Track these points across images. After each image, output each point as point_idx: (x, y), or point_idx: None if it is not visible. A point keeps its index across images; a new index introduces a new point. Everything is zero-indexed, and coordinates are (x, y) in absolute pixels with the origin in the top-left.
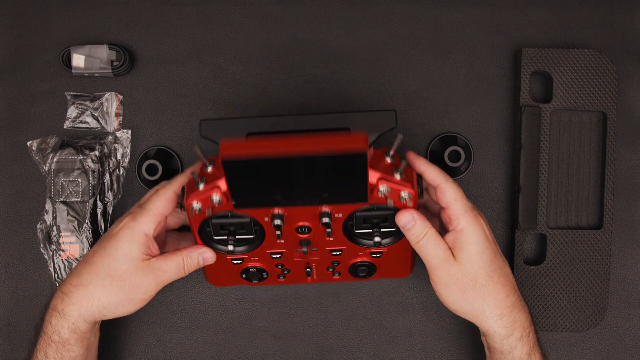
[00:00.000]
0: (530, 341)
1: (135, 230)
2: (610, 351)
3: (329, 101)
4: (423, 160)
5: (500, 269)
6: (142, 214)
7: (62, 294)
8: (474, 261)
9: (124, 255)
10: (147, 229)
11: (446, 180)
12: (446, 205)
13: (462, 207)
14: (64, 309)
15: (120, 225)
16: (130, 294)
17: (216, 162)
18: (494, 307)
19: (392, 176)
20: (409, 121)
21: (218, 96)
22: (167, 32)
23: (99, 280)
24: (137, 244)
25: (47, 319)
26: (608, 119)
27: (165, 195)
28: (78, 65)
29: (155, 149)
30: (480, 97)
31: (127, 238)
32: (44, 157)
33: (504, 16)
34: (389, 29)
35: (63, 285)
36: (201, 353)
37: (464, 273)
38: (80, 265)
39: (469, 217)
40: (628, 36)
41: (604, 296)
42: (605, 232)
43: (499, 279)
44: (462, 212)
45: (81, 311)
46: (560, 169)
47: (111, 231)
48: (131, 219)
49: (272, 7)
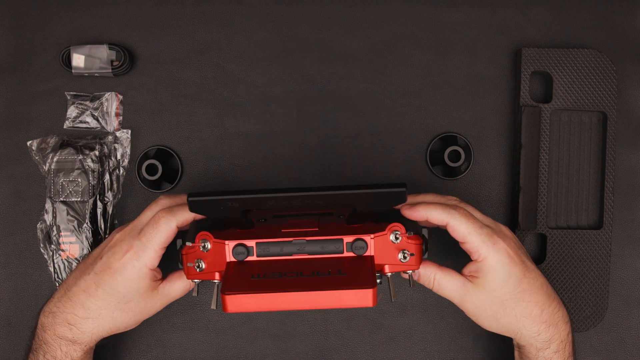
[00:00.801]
0: (566, 353)
1: (141, 269)
2: (610, 351)
3: (329, 101)
4: (421, 208)
5: (530, 287)
6: (145, 251)
7: (69, 324)
8: (498, 288)
9: (133, 292)
10: (152, 264)
11: (453, 216)
12: (462, 240)
13: (478, 239)
14: (74, 337)
15: (122, 261)
16: (139, 317)
17: (213, 247)
18: (529, 326)
19: (397, 262)
20: (409, 121)
21: (218, 96)
22: (167, 32)
23: (109, 313)
24: (144, 280)
25: (55, 346)
26: (608, 119)
27: (166, 231)
28: (78, 65)
29: (155, 148)
30: (480, 97)
31: (135, 276)
32: (44, 157)
33: (504, 16)
34: (389, 29)
35: (67, 314)
36: (201, 353)
37: (491, 301)
38: (82, 295)
39: (488, 246)
40: (628, 36)
41: (604, 296)
42: (605, 232)
43: (531, 297)
44: (479, 244)
45: (92, 337)
46: (560, 169)
47: (111, 263)
48: (134, 257)
49: (272, 7)
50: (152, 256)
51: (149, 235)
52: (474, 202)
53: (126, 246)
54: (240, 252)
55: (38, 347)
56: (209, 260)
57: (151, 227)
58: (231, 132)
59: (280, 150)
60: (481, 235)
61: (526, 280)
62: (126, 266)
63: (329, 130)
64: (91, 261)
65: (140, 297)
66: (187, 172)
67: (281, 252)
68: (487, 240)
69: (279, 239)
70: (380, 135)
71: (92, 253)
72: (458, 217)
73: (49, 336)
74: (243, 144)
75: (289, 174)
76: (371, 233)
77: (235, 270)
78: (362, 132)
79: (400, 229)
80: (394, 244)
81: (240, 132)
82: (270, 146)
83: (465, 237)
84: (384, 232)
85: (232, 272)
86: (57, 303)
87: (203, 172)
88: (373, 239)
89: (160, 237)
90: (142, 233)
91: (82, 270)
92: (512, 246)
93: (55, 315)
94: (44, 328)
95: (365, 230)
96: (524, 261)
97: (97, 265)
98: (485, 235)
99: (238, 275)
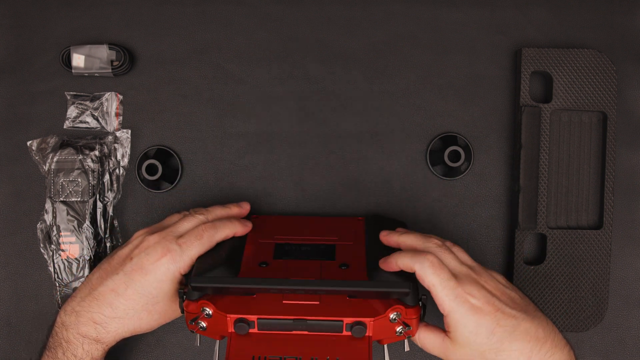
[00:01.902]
0: None
1: (174, 273)
2: (610, 351)
3: (329, 101)
4: (392, 259)
5: (510, 335)
6: (182, 257)
7: (95, 323)
8: (471, 341)
9: (162, 294)
10: (184, 270)
11: (421, 266)
12: (428, 289)
13: (441, 292)
14: (99, 336)
15: (157, 263)
16: (162, 320)
17: (214, 315)
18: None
19: (394, 336)
20: (409, 121)
21: (218, 96)
22: (167, 32)
23: (136, 314)
24: (174, 284)
25: (78, 344)
26: (608, 119)
27: (208, 244)
28: (78, 65)
29: (155, 148)
30: (480, 97)
31: (167, 279)
32: (44, 157)
33: (504, 16)
34: (389, 29)
35: (93, 314)
36: (201, 353)
37: (471, 354)
38: (110, 295)
39: (450, 299)
40: (628, 36)
41: (603, 296)
42: (605, 232)
43: (512, 345)
44: (442, 297)
45: (116, 337)
46: (560, 169)
47: (144, 264)
48: (171, 260)
49: (272, 7)
50: (188, 263)
51: (189, 244)
52: (474, 202)
53: (162, 249)
54: (242, 327)
55: (57, 345)
56: (211, 324)
57: (194, 237)
58: (231, 132)
59: (280, 150)
60: (445, 288)
61: (502, 329)
62: (160, 268)
63: (329, 130)
64: (118, 261)
65: (167, 300)
66: (187, 172)
67: (282, 328)
68: (450, 293)
69: (280, 316)
70: (380, 135)
71: (118, 254)
72: (425, 267)
73: (71, 334)
74: (243, 144)
75: (289, 174)
76: (371, 316)
77: (237, 348)
78: (362, 132)
79: (401, 311)
80: (392, 323)
81: (240, 132)
82: (270, 146)
83: (430, 289)
84: (384, 314)
85: (233, 353)
86: (81, 302)
87: (203, 172)
88: (373, 322)
89: (200, 249)
90: (183, 240)
91: (109, 271)
92: (481, 294)
93: (80, 314)
94: (66, 326)
95: (366, 310)
96: (500, 308)
97: (128, 266)
98: (449, 288)
99: (239, 357)
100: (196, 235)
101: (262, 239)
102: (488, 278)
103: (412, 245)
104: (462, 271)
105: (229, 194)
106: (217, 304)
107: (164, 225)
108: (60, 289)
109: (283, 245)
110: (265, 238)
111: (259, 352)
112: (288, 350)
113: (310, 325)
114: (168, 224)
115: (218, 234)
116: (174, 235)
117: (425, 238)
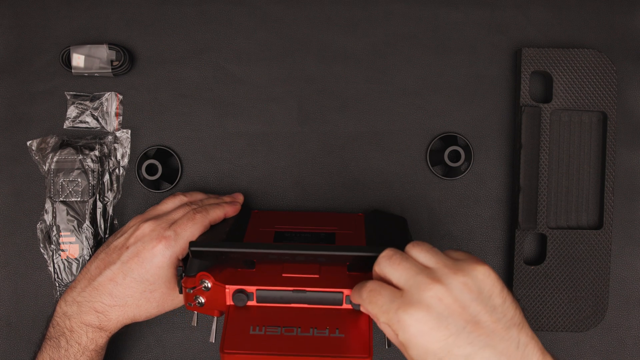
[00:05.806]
0: None
1: (171, 258)
2: (610, 351)
3: (329, 101)
4: (354, 300)
5: (466, 357)
6: (178, 241)
7: (97, 312)
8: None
9: (160, 280)
10: (181, 254)
11: (359, 295)
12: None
13: (382, 325)
14: (101, 324)
15: (153, 250)
16: (161, 308)
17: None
18: None
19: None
20: (409, 121)
21: (218, 96)
22: (167, 32)
23: (134, 301)
24: (172, 269)
25: (82, 333)
26: (608, 119)
27: (202, 224)
28: (78, 65)
29: (155, 148)
30: (480, 97)
31: (164, 265)
32: (44, 157)
33: (504, 16)
34: (389, 29)
35: (94, 303)
36: (201, 353)
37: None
38: (109, 285)
39: (393, 331)
40: (628, 36)
41: (603, 296)
42: (605, 232)
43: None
44: (384, 328)
45: (118, 324)
46: (560, 169)
47: (140, 252)
48: (167, 246)
49: (272, 7)
50: (183, 247)
51: (184, 226)
52: (474, 202)
53: (157, 236)
54: (240, 298)
55: (59, 334)
56: (209, 299)
57: (187, 219)
58: (231, 132)
59: (280, 150)
60: (383, 313)
61: (458, 351)
62: (157, 255)
63: (329, 130)
64: (114, 250)
65: (165, 287)
66: (187, 172)
67: (281, 300)
68: (390, 318)
69: (280, 287)
70: (380, 135)
71: (114, 243)
72: (363, 298)
73: (75, 324)
74: (243, 144)
75: (289, 173)
76: None
77: (235, 319)
78: (362, 132)
79: None
80: None
81: (240, 132)
82: (270, 146)
83: (374, 318)
84: None
85: (231, 323)
86: (81, 293)
87: (203, 172)
88: None
89: (195, 230)
90: (177, 224)
91: (107, 261)
92: (430, 317)
93: (81, 305)
94: (68, 316)
95: None
96: (454, 333)
97: (124, 255)
98: (389, 312)
99: (237, 328)
100: (189, 218)
101: (262, 228)
102: (455, 284)
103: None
104: (414, 284)
105: (228, 194)
106: (216, 277)
107: (157, 210)
108: (60, 289)
109: (283, 232)
110: (265, 227)
111: (257, 323)
112: (287, 322)
113: (309, 297)
114: (161, 210)
115: (210, 215)
116: (166, 222)
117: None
